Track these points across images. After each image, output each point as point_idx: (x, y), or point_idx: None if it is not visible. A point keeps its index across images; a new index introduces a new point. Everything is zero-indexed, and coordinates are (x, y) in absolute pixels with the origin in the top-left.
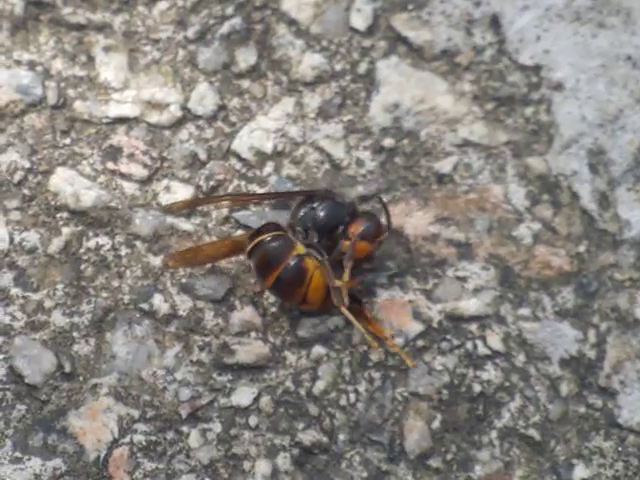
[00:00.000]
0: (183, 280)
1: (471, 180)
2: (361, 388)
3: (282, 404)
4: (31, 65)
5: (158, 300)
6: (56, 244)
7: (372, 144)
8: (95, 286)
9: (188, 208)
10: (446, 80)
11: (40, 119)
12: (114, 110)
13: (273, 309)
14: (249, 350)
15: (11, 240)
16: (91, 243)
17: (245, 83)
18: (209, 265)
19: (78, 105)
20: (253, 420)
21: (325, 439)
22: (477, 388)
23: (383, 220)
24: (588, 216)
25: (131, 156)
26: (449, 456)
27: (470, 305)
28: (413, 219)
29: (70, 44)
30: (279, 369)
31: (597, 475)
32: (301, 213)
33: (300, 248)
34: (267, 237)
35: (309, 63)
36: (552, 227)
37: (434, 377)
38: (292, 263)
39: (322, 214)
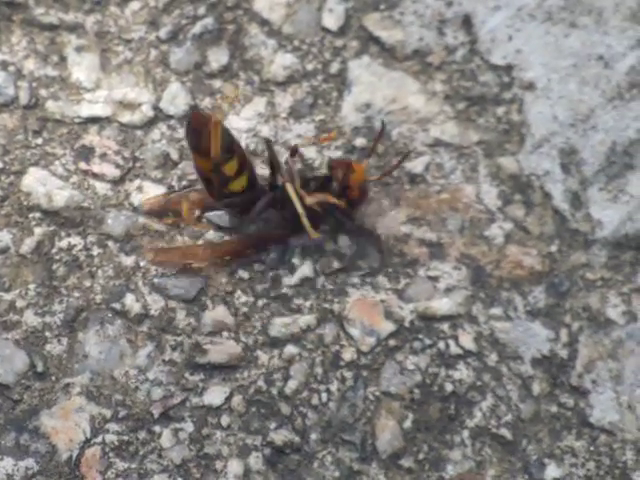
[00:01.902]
0: (155, 280)
1: (443, 180)
2: (333, 387)
3: (254, 404)
4: (3, 65)
5: (130, 300)
6: (28, 244)
7: (344, 144)
8: (67, 286)
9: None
10: (418, 80)
11: (12, 119)
12: (86, 110)
13: (245, 309)
14: (221, 350)
15: None
16: (63, 243)
17: (217, 83)
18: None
19: (50, 105)
20: (225, 420)
21: (297, 439)
22: (449, 387)
23: None
24: (560, 216)
25: (103, 156)
26: (421, 456)
27: (442, 305)
28: (385, 219)
29: (42, 44)
30: (251, 369)
31: (569, 474)
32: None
33: None
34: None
35: (281, 63)
36: (524, 227)
37: (406, 376)
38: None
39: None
